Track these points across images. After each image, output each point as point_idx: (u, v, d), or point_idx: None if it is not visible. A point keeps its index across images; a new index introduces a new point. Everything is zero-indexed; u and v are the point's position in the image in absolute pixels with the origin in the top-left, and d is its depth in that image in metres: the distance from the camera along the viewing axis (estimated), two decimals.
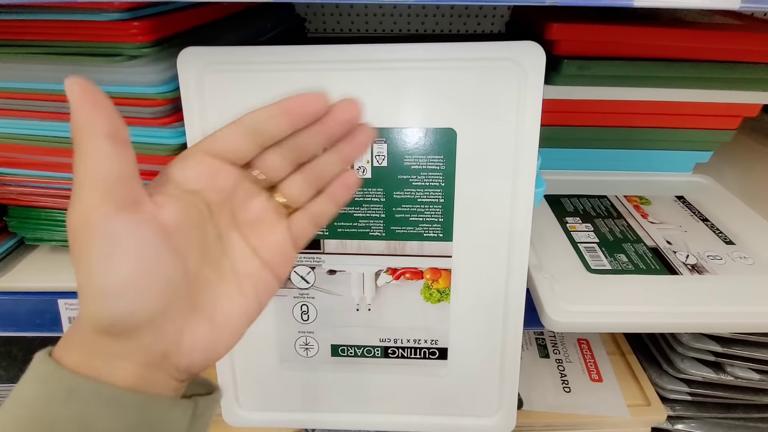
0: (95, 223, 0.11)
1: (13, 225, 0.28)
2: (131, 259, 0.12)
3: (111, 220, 0.12)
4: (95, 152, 0.12)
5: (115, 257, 0.12)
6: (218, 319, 0.14)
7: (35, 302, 0.27)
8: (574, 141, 0.34)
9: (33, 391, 0.12)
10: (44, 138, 0.24)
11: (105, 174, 0.12)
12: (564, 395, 0.33)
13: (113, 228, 0.12)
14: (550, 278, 0.24)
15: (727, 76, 0.29)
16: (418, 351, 0.24)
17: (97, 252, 0.11)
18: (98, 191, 0.11)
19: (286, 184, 0.15)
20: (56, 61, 0.21)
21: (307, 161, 0.15)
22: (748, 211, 0.31)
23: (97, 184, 0.12)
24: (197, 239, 0.14)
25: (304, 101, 0.14)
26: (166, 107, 0.22)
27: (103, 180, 0.12)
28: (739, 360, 0.30)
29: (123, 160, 0.12)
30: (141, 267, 0.12)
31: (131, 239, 0.12)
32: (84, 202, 0.11)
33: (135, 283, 0.12)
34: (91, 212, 0.11)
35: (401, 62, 0.19)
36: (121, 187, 0.12)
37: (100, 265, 0.11)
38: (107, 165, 0.12)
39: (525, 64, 0.19)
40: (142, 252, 0.12)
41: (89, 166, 0.12)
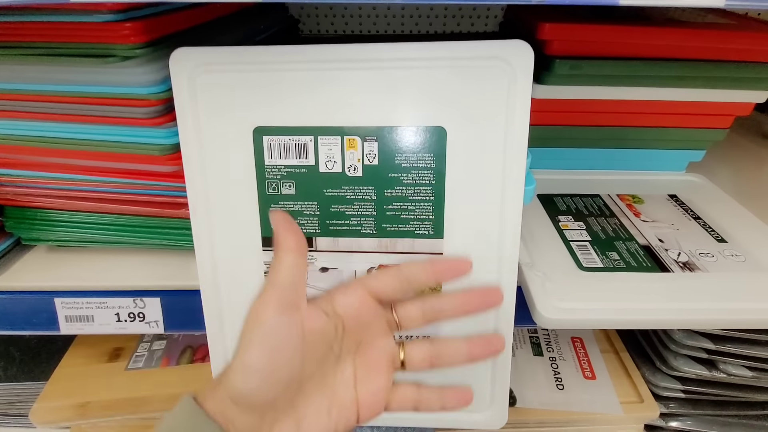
0: (263, 319, 0.16)
1: (10, 225, 0.28)
2: (273, 351, 0.15)
3: (273, 319, 0.16)
4: (282, 262, 0.16)
5: (264, 347, 0.15)
6: (302, 427, 0.16)
7: (32, 301, 0.27)
8: (567, 140, 0.34)
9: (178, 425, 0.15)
10: (39, 138, 0.24)
11: (284, 281, 0.16)
12: (557, 392, 0.33)
13: (272, 325, 0.15)
14: (541, 276, 0.24)
15: (720, 75, 0.29)
16: None
17: (255, 340, 0.15)
18: (275, 294, 0.16)
19: (412, 347, 0.18)
20: (50, 62, 0.21)
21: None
22: (741, 209, 0.31)
23: (276, 288, 0.16)
24: (322, 352, 0.17)
25: (456, 264, 0.18)
26: (159, 108, 0.22)
27: (281, 286, 0.16)
28: (732, 357, 0.30)
29: (298, 271, 0.16)
30: (277, 359, 0.15)
31: (280, 336, 0.16)
32: (263, 300, 0.16)
33: (268, 369, 0.15)
34: (265, 309, 0.16)
35: (391, 61, 0.19)
36: (289, 293, 0.16)
37: (253, 350, 0.15)
38: (287, 274, 0.16)
39: (514, 63, 0.19)
40: (283, 348, 0.16)
41: (275, 272, 0.16)
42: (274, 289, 0.16)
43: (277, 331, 0.15)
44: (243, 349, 0.15)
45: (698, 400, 0.33)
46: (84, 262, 0.28)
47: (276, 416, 0.16)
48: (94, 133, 0.23)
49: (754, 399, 0.32)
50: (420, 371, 0.18)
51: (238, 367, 0.15)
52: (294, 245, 0.16)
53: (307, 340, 0.16)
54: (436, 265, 0.17)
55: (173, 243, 0.27)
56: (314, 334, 0.16)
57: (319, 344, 0.16)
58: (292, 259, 0.16)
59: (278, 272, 0.16)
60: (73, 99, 0.22)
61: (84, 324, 0.28)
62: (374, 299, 0.18)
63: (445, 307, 0.18)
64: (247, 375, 0.15)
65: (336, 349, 0.17)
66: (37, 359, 0.39)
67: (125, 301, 0.27)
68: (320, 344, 0.17)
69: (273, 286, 0.16)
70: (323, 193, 0.21)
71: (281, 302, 0.16)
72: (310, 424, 0.16)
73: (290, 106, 0.20)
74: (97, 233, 0.27)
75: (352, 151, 0.21)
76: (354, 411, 0.17)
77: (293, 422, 0.16)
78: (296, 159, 0.21)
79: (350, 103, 0.20)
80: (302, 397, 0.16)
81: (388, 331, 0.18)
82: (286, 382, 0.16)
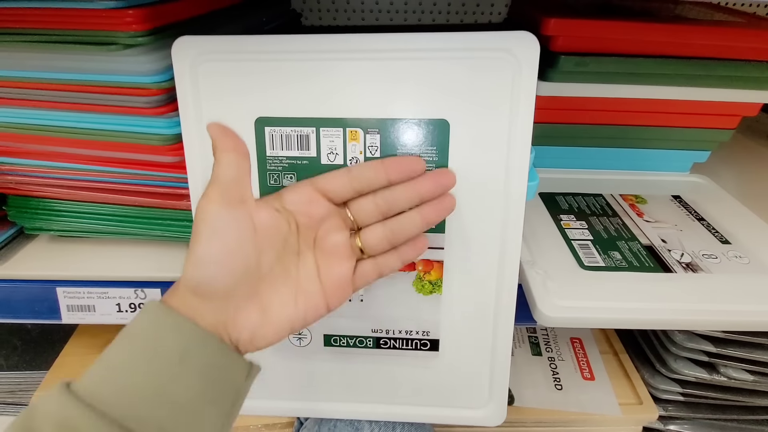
0: (208, 212, 0.16)
1: (13, 214, 0.28)
2: (222, 241, 0.16)
3: (218, 212, 0.16)
4: (220, 161, 0.17)
5: (213, 237, 0.16)
6: (268, 313, 0.17)
7: (34, 290, 0.27)
8: (571, 139, 0.34)
9: (145, 326, 0.16)
10: (40, 127, 0.24)
11: (224, 177, 0.17)
12: (555, 392, 0.33)
13: (218, 217, 0.16)
14: (543, 274, 0.24)
15: (727, 74, 0.29)
16: (410, 342, 0.24)
17: (203, 232, 0.16)
18: (217, 189, 0.17)
19: (367, 232, 0.18)
20: (51, 50, 0.21)
21: (391, 216, 0.18)
22: (746, 211, 0.31)
23: (218, 184, 0.17)
24: (278, 245, 0.18)
25: (405, 160, 0.18)
26: (161, 97, 0.22)
27: (222, 181, 0.17)
28: (733, 361, 0.30)
29: (238, 168, 0.17)
30: (227, 248, 0.16)
31: (228, 227, 0.16)
32: (206, 195, 0.17)
33: (220, 259, 0.16)
34: (208, 204, 0.16)
35: (394, 52, 0.19)
36: (233, 188, 0.17)
37: (202, 242, 0.16)
38: (227, 171, 0.17)
39: (519, 55, 0.19)
40: (232, 238, 0.16)
41: (216, 170, 0.17)
42: (216, 185, 0.17)
43: (224, 222, 0.16)
44: (193, 243, 0.16)
45: (697, 403, 0.33)
46: (86, 252, 0.28)
47: (238, 303, 0.17)
48: (96, 122, 0.23)
49: (754, 403, 0.32)
50: (380, 251, 0.19)
51: (191, 259, 0.16)
52: (230, 145, 0.17)
53: (260, 233, 0.17)
54: (386, 163, 0.18)
55: (174, 234, 0.27)
56: (265, 226, 0.17)
57: (273, 237, 0.17)
58: (230, 157, 0.17)
59: (219, 169, 0.17)
60: (74, 87, 0.22)
61: (85, 313, 0.28)
62: (325, 198, 0.18)
63: (398, 196, 0.18)
64: (200, 265, 0.16)
65: (293, 243, 0.18)
66: (38, 349, 0.39)
67: (126, 292, 0.27)
68: (274, 237, 0.17)
69: (215, 182, 0.17)
70: None
71: (224, 196, 0.16)
72: (276, 311, 0.17)
73: (292, 96, 0.20)
74: (99, 223, 0.28)
75: (354, 143, 0.20)
76: (322, 299, 0.18)
77: (258, 309, 0.17)
78: (298, 150, 0.21)
79: (353, 95, 0.20)
80: (265, 286, 0.17)
81: (344, 227, 0.19)
82: (243, 271, 0.17)
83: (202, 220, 0.16)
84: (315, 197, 0.18)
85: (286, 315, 0.17)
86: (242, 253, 0.16)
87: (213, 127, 0.17)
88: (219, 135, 0.17)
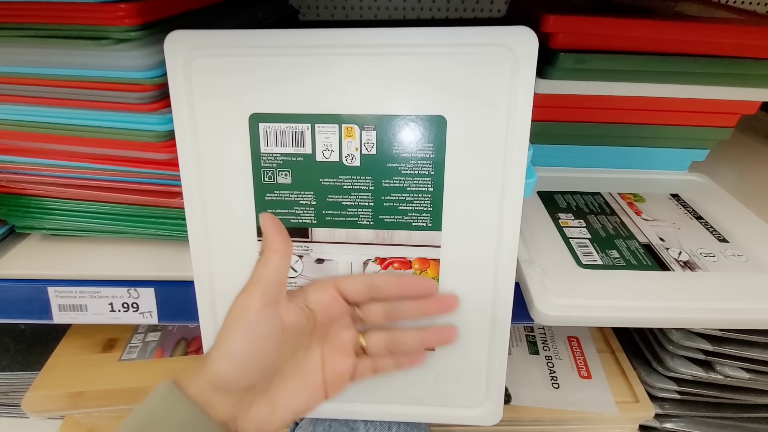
0: (247, 312, 0.17)
1: (4, 213, 0.28)
2: (256, 342, 0.17)
3: (257, 313, 0.17)
4: (269, 263, 0.18)
5: (247, 337, 0.17)
6: (276, 406, 0.18)
7: (25, 290, 0.26)
8: (569, 137, 0.33)
9: (156, 411, 0.16)
10: (32, 124, 0.23)
11: (269, 279, 0.18)
12: (552, 391, 0.33)
13: (256, 318, 0.17)
14: (540, 272, 0.23)
15: (726, 72, 0.29)
16: None
17: (238, 331, 0.17)
18: (260, 290, 0.18)
19: (372, 336, 0.20)
20: (43, 45, 0.21)
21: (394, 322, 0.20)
22: (744, 210, 0.31)
23: (261, 285, 0.18)
24: (296, 341, 0.19)
25: (421, 282, 0.20)
26: (154, 93, 0.21)
27: (266, 284, 0.18)
28: (730, 359, 0.30)
29: (283, 271, 0.18)
30: (258, 347, 0.17)
31: (262, 328, 0.17)
32: (248, 294, 0.18)
33: (250, 357, 0.17)
34: (250, 304, 0.17)
35: (391, 47, 0.19)
36: (274, 291, 0.18)
37: (236, 340, 0.17)
38: (273, 274, 0.18)
39: (517, 50, 0.18)
40: (264, 338, 0.17)
41: (262, 271, 0.18)
42: (260, 286, 0.18)
43: (261, 323, 0.17)
44: (226, 339, 0.17)
45: (694, 401, 0.33)
46: (78, 252, 0.28)
47: (253, 399, 0.18)
48: (88, 119, 0.23)
49: (751, 401, 0.32)
50: (379, 356, 0.20)
51: (221, 355, 0.17)
52: (281, 248, 0.18)
53: (285, 332, 0.18)
54: (403, 280, 0.20)
55: (168, 233, 0.27)
56: (291, 326, 0.18)
57: (293, 335, 0.19)
58: (278, 260, 0.18)
59: (265, 271, 0.18)
60: (66, 83, 0.22)
61: (77, 313, 0.27)
62: (342, 298, 0.20)
63: (406, 310, 0.20)
64: (230, 362, 0.17)
65: (306, 339, 0.19)
66: (31, 350, 0.39)
67: (119, 291, 0.26)
68: (295, 335, 0.19)
69: (259, 283, 0.18)
70: (320, 182, 0.21)
71: (265, 298, 0.18)
72: (284, 404, 0.18)
73: (287, 92, 0.20)
74: (92, 222, 0.27)
75: (349, 140, 0.20)
76: (322, 390, 0.19)
77: (268, 403, 0.18)
78: (293, 147, 0.21)
79: (348, 91, 0.20)
80: (277, 381, 0.18)
81: (352, 324, 0.20)
82: (264, 369, 0.18)
83: (239, 319, 0.17)
84: (336, 298, 0.20)
85: (292, 407, 0.19)
86: (269, 352, 0.18)
87: (267, 220, 0.19)
88: (272, 233, 0.18)
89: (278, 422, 0.18)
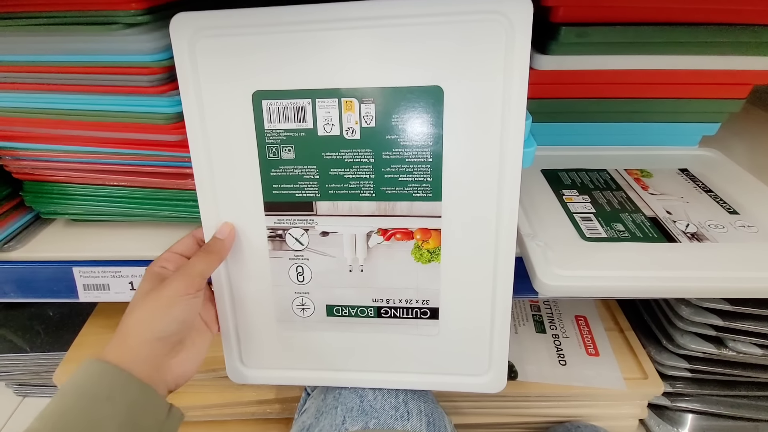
0: (179, 298, 0.21)
1: (29, 199, 0.29)
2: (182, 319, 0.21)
3: (186, 299, 0.21)
4: (211, 264, 0.22)
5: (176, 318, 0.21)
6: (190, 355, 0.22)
7: (52, 271, 0.28)
8: (574, 114, 0.33)
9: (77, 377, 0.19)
10: (49, 111, 0.24)
11: (203, 273, 0.22)
12: (559, 368, 0.33)
13: (184, 304, 0.21)
14: (543, 245, 0.24)
15: (737, 40, 0.28)
16: (410, 311, 0.24)
17: (172, 315, 0.21)
18: (190, 280, 0.21)
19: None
20: (53, 32, 0.22)
21: None
22: (755, 182, 0.30)
23: (191, 278, 0.21)
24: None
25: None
26: (162, 75, 0.22)
27: (196, 277, 0.22)
28: (742, 334, 0.29)
29: (212, 267, 0.23)
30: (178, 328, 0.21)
31: (189, 311, 0.21)
32: (178, 284, 0.21)
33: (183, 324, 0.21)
34: (180, 292, 0.21)
35: (387, 19, 0.19)
36: (200, 282, 0.22)
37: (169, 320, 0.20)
38: (208, 270, 0.22)
39: (512, 17, 0.18)
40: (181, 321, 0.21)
41: (202, 264, 0.22)
42: (190, 276, 0.21)
43: (187, 308, 0.21)
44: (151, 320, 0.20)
45: (705, 379, 0.32)
46: (99, 235, 0.29)
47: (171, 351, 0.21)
48: (100, 104, 0.24)
49: (764, 379, 0.31)
50: None
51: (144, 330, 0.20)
52: (222, 251, 0.23)
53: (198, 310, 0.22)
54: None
55: (181, 214, 0.28)
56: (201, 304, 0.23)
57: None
58: (218, 263, 0.23)
59: (204, 266, 0.22)
60: (78, 69, 0.23)
61: (100, 292, 0.29)
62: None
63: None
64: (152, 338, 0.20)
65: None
66: (59, 333, 0.41)
67: (138, 270, 0.28)
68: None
69: (189, 273, 0.21)
70: (322, 156, 0.22)
71: (194, 288, 0.21)
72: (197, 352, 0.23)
73: (287, 68, 0.20)
74: (110, 206, 0.29)
75: (349, 114, 0.21)
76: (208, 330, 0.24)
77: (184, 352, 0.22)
78: (295, 123, 0.21)
79: (346, 64, 0.20)
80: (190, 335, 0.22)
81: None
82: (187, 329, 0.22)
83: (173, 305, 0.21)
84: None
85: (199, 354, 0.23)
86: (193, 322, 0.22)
87: (224, 227, 0.23)
88: (222, 238, 0.23)
89: (192, 368, 0.22)
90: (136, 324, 0.20)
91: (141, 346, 0.19)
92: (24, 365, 0.41)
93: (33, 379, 0.42)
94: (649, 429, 0.34)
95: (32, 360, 0.41)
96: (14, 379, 0.42)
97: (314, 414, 0.26)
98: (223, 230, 0.23)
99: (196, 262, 0.22)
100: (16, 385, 0.44)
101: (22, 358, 0.40)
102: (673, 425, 0.33)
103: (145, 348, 0.19)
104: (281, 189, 0.23)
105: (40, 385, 0.43)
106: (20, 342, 0.41)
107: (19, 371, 0.41)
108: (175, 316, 0.20)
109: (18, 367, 0.41)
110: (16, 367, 0.41)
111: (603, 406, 0.33)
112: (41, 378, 0.42)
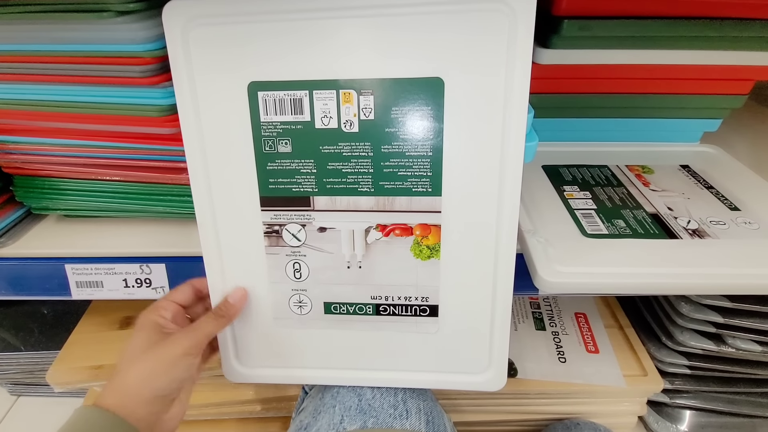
0: (183, 358, 0.21)
1: (20, 194, 0.29)
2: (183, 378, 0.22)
3: (189, 359, 0.21)
4: (219, 326, 0.23)
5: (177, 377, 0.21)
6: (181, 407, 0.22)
7: (44, 268, 0.28)
8: (576, 110, 0.33)
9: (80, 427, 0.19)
10: (39, 102, 0.24)
11: (209, 334, 0.23)
12: (559, 365, 0.33)
13: (186, 364, 0.21)
14: (544, 242, 0.23)
15: (740, 35, 0.27)
16: (409, 308, 0.24)
17: (173, 374, 0.21)
18: (195, 342, 0.22)
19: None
20: (43, 20, 0.21)
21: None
22: (757, 179, 0.30)
23: (198, 340, 0.22)
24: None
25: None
26: (155, 66, 0.22)
27: (203, 339, 0.22)
28: (741, 331, 0.29)
29: (219, 330, 0.24)
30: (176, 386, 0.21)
31: (190, 370, 0.22)
32: (184, 344, 0.21)
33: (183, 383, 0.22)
34: (184, 352, 0.21)
35: (387, 8, 0.19)
36: (205, 343, 0.22)
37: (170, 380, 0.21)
38: (215, 332, 0.23)
39: (515, 7, 0.18)
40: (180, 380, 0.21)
41: (210, 326, 0.23)
42: (197, 340, 0.22)
43: (182, 368, 0.21)
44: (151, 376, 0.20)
45: (705, 376, 0.32)
46: (92, 231, 0.29)
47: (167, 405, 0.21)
48: (91, 95, 0.23)
49: (764, 376, 0.31)
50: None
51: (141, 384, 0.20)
52: (231, 316, 0.24)
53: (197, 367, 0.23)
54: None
55: (175, 210, 0.27)
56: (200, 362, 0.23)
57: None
58: (226, 326, 0.24)
59: (208, 327, 0.22)
60: (68, 59, 0.22)
61: (94, 289, 0.28)
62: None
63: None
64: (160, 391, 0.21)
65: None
66: (53, 331, 0.41)
67: (132, 267, 0.27)
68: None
69: (197, 337, 0.22)
70: (319, 150, 0.21)
71: (197, 350, 0.22)
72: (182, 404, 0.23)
73: (284, 58, 0.20)
74: (103, 201, 0.28)
75: (348, 106, 0.20)
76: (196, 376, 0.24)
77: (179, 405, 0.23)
78: (292, 115, 0.21)
79: (345, 55, 0.20)
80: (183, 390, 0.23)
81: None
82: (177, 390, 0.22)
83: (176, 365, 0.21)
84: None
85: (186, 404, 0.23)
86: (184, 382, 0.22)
87: (237, 291, 0.24)
88: (233, 302, 0.24)
89: (178, 422, 0.22)
90: (136, 379, 0.20)
91: (139, 406, 0.20)
92: (18, 364, 0.40)
93: (27, 378, 0.42)
94: (648, 426, 0.34)
95: (26, 359, 0.40)
96: (8, 379, 0.42)
97: (312, 413, 0.26)
98: (234, 295, 0.24)
99: (204, 325, 0.22)
100: (10, 384, 0.43)
101: (16, 356, 0.40)
102: (671, 422, 0.33)
103: (144, 407, 0.20)
104: (277, 183, 0.22)
105: (35, 384, 0.43)
106: (14, 340, 0.40)
107: (13, 370, 0.41)
108: (175, 376, 0.20)
109: (12, 366, 0.40)
110: (10, 366, 0.40)
111: (602, 403, 0.33)
112: (35, 377, 0.42)
